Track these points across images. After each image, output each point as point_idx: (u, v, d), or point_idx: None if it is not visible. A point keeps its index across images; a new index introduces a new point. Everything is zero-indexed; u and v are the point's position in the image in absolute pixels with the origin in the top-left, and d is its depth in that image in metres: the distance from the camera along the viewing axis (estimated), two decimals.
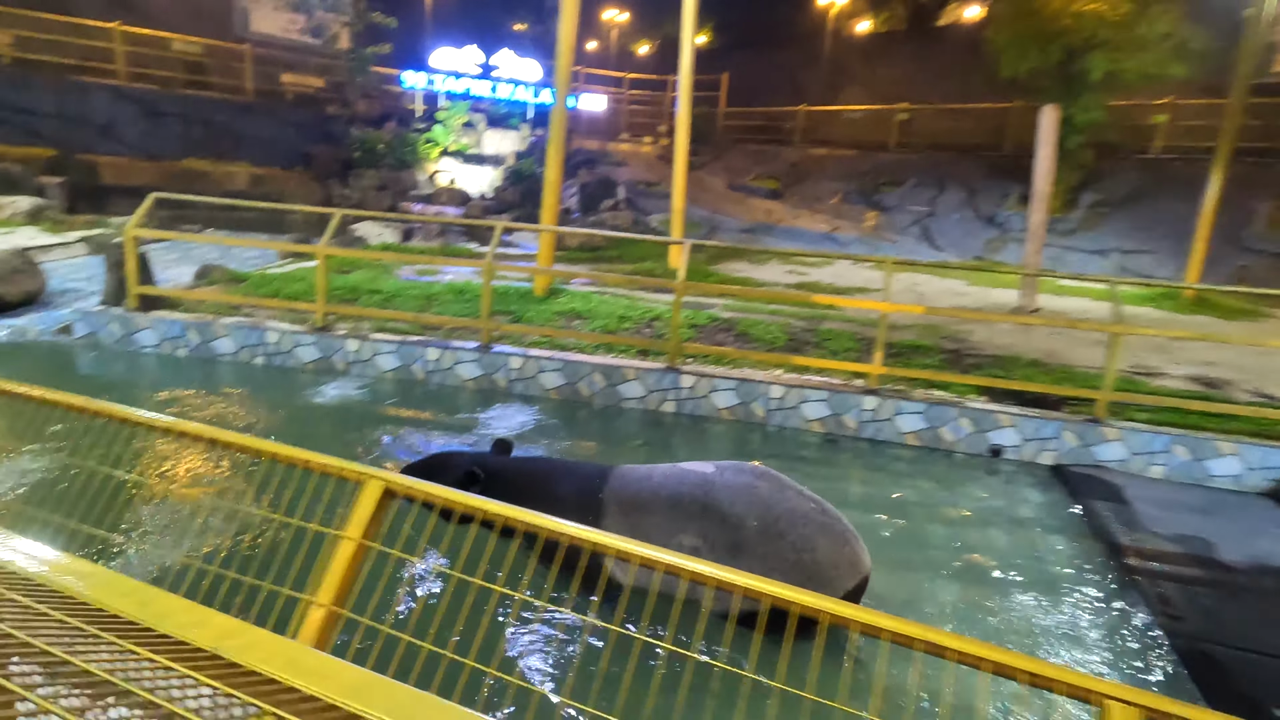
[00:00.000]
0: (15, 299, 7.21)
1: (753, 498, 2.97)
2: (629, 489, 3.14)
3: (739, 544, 2.93)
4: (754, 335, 6.85)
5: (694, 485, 3.06)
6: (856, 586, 2.94)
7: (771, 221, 16.48)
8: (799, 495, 3.03)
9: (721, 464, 3.17)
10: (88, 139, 15.23)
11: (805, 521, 2.92)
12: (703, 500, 3.00)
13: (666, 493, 3.07)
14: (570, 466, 3.51)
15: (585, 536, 1.82)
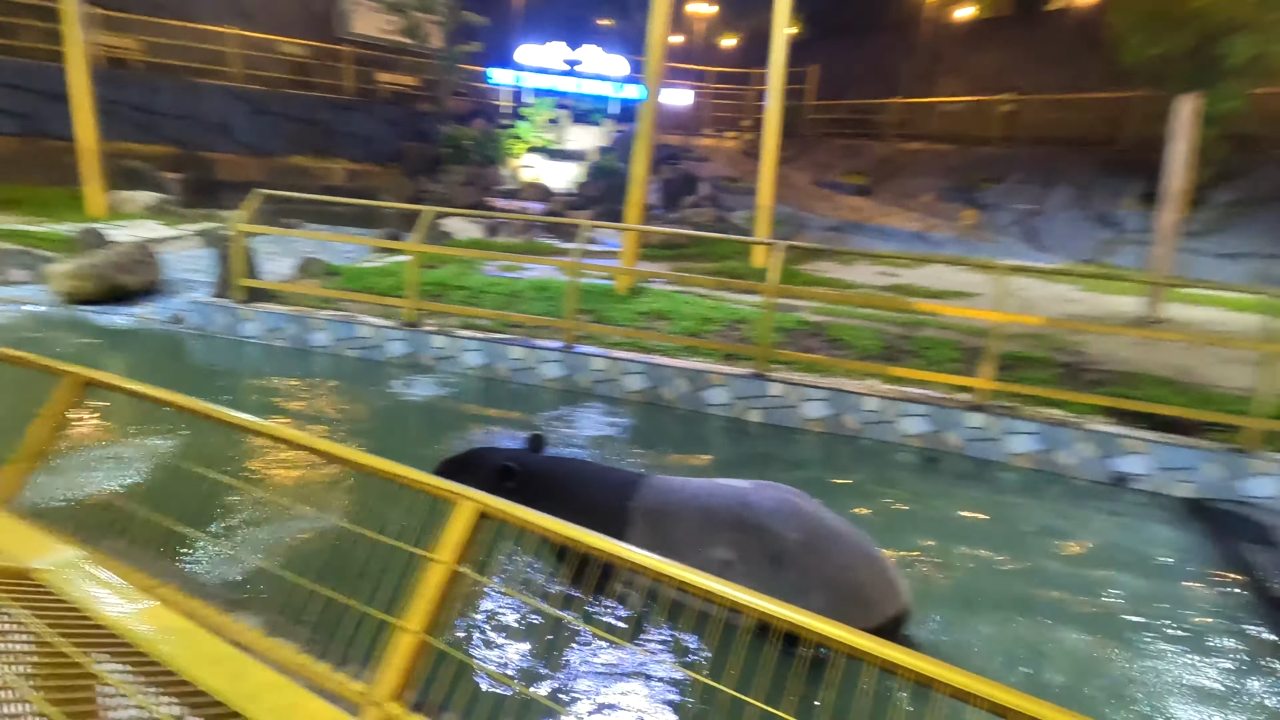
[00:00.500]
0: (136, 288, 7.72)
1: (794, 512, 2.88)
2: (659, 500, 3.06)
3: (779, 556, 2.79)
4: (846, 342, 6.51)
5: (729, 498, 2.97)
6: (897, 617, 2.77)
7: (860, 219, 15.82)
8: (838, 519, 2.96)
9: (756, 482, 3.09)
10: (204, 137, 16.29)
11: (847, 543, 2.83)
12: (739, 513, 2.89)
13: (699, 504, 2.98)
14: (601, 471, 3.44)
15: (700, 583, 1.64)
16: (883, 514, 4.37)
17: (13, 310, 7.31)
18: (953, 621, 3.34)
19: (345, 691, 1.86)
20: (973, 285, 10.11)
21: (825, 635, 1.42)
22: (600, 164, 18.06)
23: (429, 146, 18.10)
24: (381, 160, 18.30)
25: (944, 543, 4.09)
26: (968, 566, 3.86)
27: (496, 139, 18.27)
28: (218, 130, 16.51)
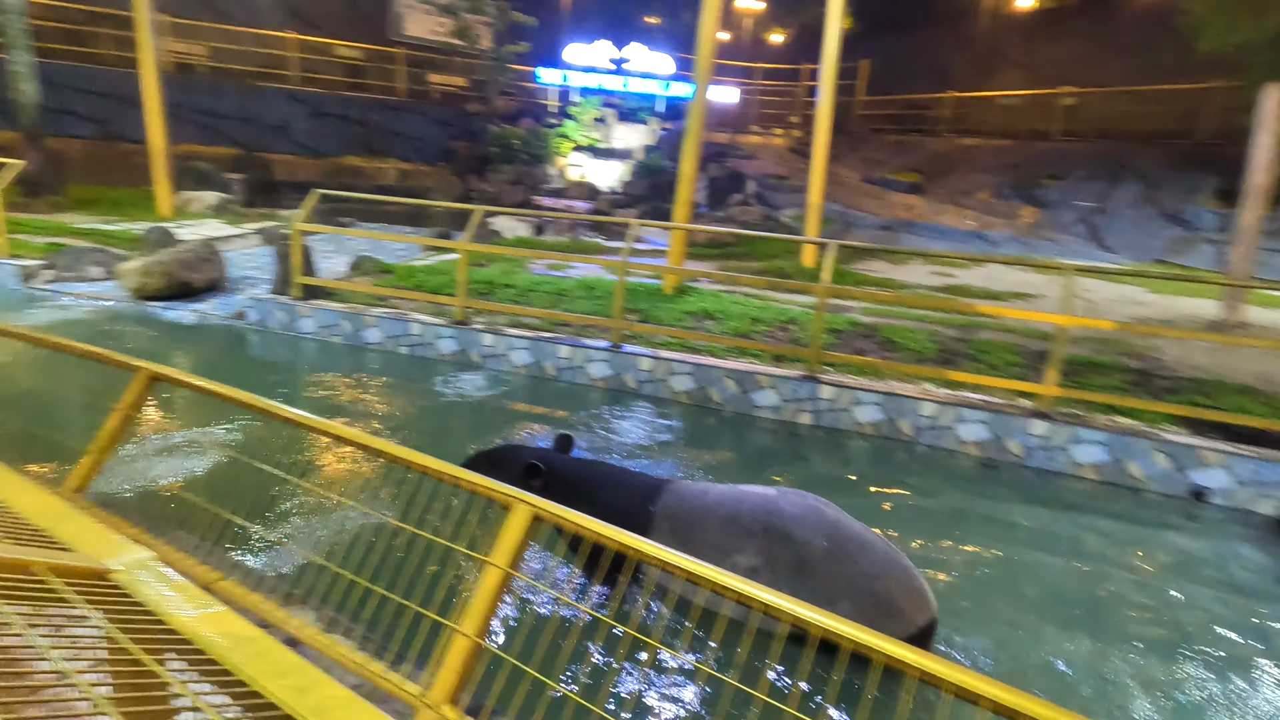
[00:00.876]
0: (201, 285, 8.01)
1: (820, 520, 2.87)
2: (682, 505, 3.06)
3: (805, 563, 2.76)
4: (900, 344, 6.32)
5: (755, 505, 2.94)
6: (926, 627, 2.72)
7: (912, 218, 15.40)
8: (864, 527, 2.92)
9: (781, 489, 3.09)
10: (264, 138, 16.86)
11: (874, 551, 2.79)
12: (764, 520, 2.87)
13: (724, 510, 2.97)
14: (626, 475, 3.42)
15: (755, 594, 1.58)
16: (939, 524, 4.22)
17: (89, 305, 7.68)
18: (1015, 641, 3.19)
19: (401, 693, 1.87)
20: (1032, 286, 9.73)
21: (876, 648, 1.39)
22: (646, 162, 18.03)
23: (477, 146, 18.36)
24: (431, 160, 18.65)
25: (1005, 557, 3.92)
26: (1032, 583, 3.69)
27: (543, 138, 18.41)
28: (276, 132, 17.07)
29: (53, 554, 1.02)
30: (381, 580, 2.11)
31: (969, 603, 3.42)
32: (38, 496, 1.23)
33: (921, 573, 2.88)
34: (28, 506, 1.20)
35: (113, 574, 1.03)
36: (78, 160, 14.31)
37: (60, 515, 1.18)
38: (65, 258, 8.37)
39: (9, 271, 8.15)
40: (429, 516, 3.18)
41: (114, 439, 2.80)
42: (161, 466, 4.07)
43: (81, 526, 1.17)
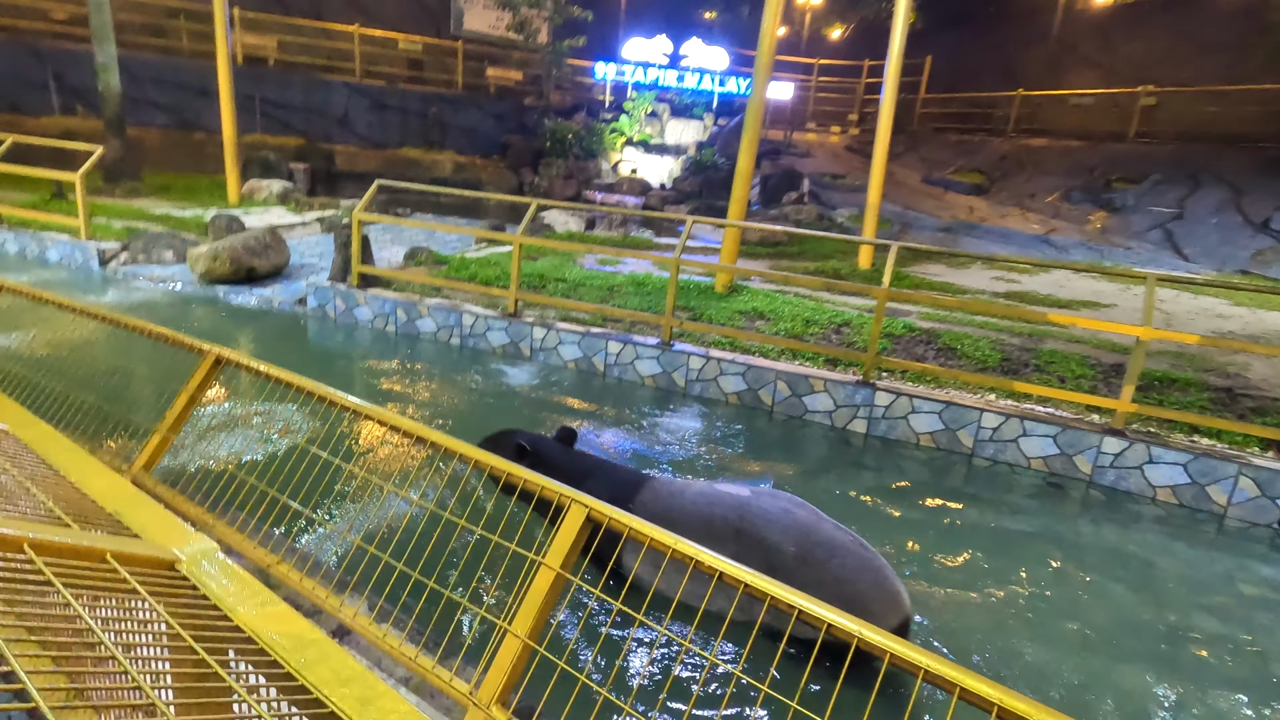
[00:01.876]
0: (265, 271, 8.26)
1: (790, 523, 2.86)
2: (660, 503, 3.08)
3: (774, 568, 2.70)
4: (961, 351, 6.08)
5: (728, 508, 2.97)
6: (898, 627, 2.69)
7: (974, 220, 14.87)
8: (836, 527, 2.90)
9: (756, 489, 3.10)
10: (327, 129, 17.33)
11: (845, 553, 2.78)
12: (736, 524, 2.90)
13: (698, 512, 2.99)
14: (609, 469, 3.45)
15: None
16: (997, 543, 4.03)
17: (161, 288, 8.00)
18: (1082, 674, 3.01)
19: (450, 689, 1.85)
20: (1102, 294, 9.27)
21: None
22: (698, 159, 17.89)
23: (532, 140, 18.51)
24: (486, 153, 18.90)
25: (1070, 581, 3.72)
26: (1102, 612, 3.49)
27: (597, 133, 18.44)
28: (339, 123, 17.54)
29: (122, 541, 1.01)
30: (432, 572, 2.10)
31: (1026, 631, 3.25)
32: (109, 480, 1.23)
33: (897, 575, 2.83)
34: (100, 490, 1.20)
35: (179, 564, 1.01)
36: (154, 148, 14.98)
37: (130, 500, 1.17)
38: (140, 241, 8.74)
39: (88, 254, 8.55)
40: (485, 510, 3.17)
41: (181, 419, 2.87)
42: (223, 446, 4.19)
43: (150, 513, 1.16)
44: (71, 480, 1.22)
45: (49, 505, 1.04)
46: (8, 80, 14.16)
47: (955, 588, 3.54)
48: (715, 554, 1.70)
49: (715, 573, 1.66)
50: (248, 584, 0.98)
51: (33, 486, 1.08)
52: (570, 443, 3.53)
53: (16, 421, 1.49)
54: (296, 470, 2.67)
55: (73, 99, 14.72)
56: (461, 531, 2.12)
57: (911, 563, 3.71)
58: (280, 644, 0.86)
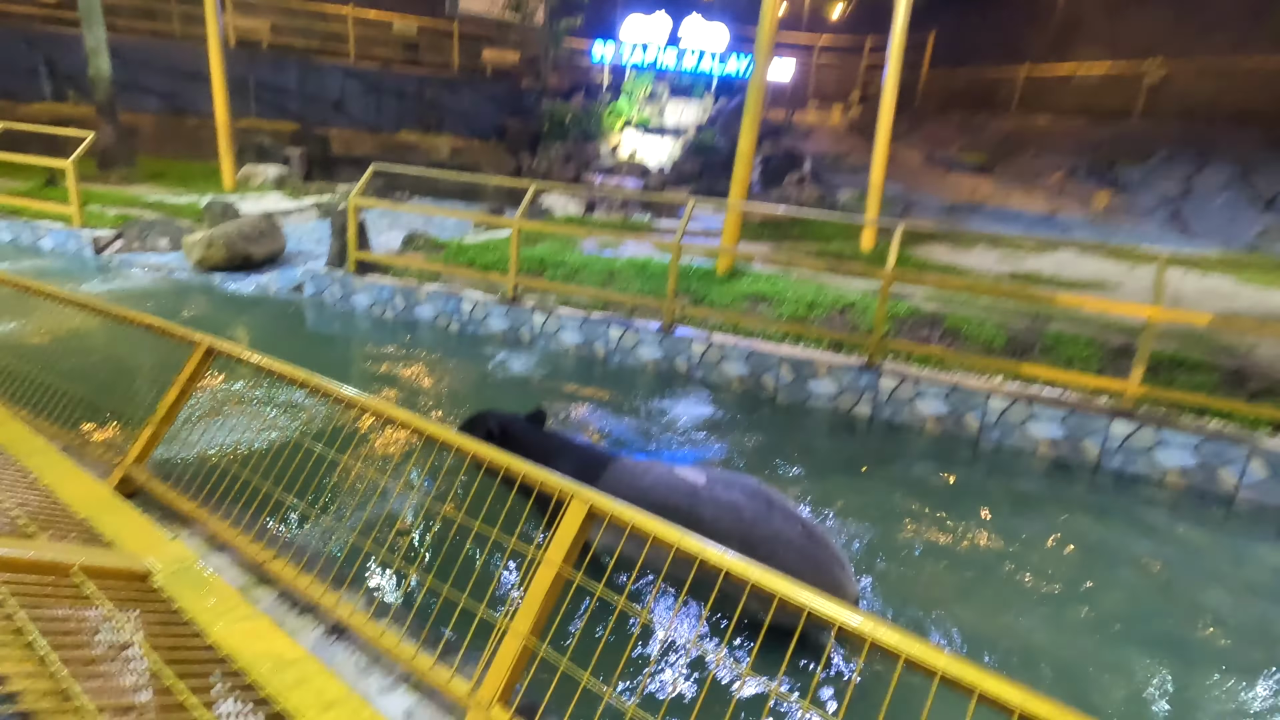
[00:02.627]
0: (261, 258, 8.17)
1: (737, 517, 2.87)
2: (621, 483, 3.11)
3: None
4: (966, 334, 6.00)
5: (682, 495, 3.00)
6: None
7: (977, 200, 14.71)
8: (785, 518, 2.89)
9: (713, 474, 3.13)
10: (322, 113, 17.12)
11: (787, 547, 2.77)
12: (687, 512, 2.90)
13: (655, 496, 3.00)
14: (577, 449, 3.47)
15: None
16: (1005, 527, 3.98)
17: (155, 276, 7.91)
18: (1090, 661, 2.97)
19: (449, 689, 1.80)
20: (1109, 274, 9.17)
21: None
22: (698, 140, 17.67)
23: (529, 122, 18.29)
24: (484, 136, 18.68)
25: (1079, 565, 3.67)
26: (1112, 596, 3.44)
27: (595, 115, 18.21)
28: (334, 107, 17.32)
29: (93, 553, 0.94)
30: (431, 567, 2.05)
31: (1035, 617, 3.20)
32: (83, 484, 1.17)
33: (846, 565, 2.84)
34: (74, 495, 1.14)
35: (153, 575, 0.94)
36: (148, 133, 14.80)
37: (105, 506, 1.11)
38: (134, 229, 8.64)
39: (82, 242, 8.45)
40: (483, 503, 3.10)
41: (174, 411, 2.81)
42: (216, 438, 4.13)
43: (125, 519, 1.10)
44: (45, 484, 1.16)
45: (12, 515, 0.97)
46: (1, 67, 13.97)
47: (962, 571, 3.49)
48: (735, 555, 1.65)
49: (721, 572, 1.60)
50: (226, 597, 0.92)
51: (1, 494, 1.02)
52: (541, 423, 3.60)
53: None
54: (291, 463, 2.61)
55: (64, 85, 14.53)
56: (461, 526, 2.06)
57: (914, 548, 3.67)
58: (259, 665, 0.80)
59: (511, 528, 2.03)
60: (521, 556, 3.05)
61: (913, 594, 3.29)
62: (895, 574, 3.45)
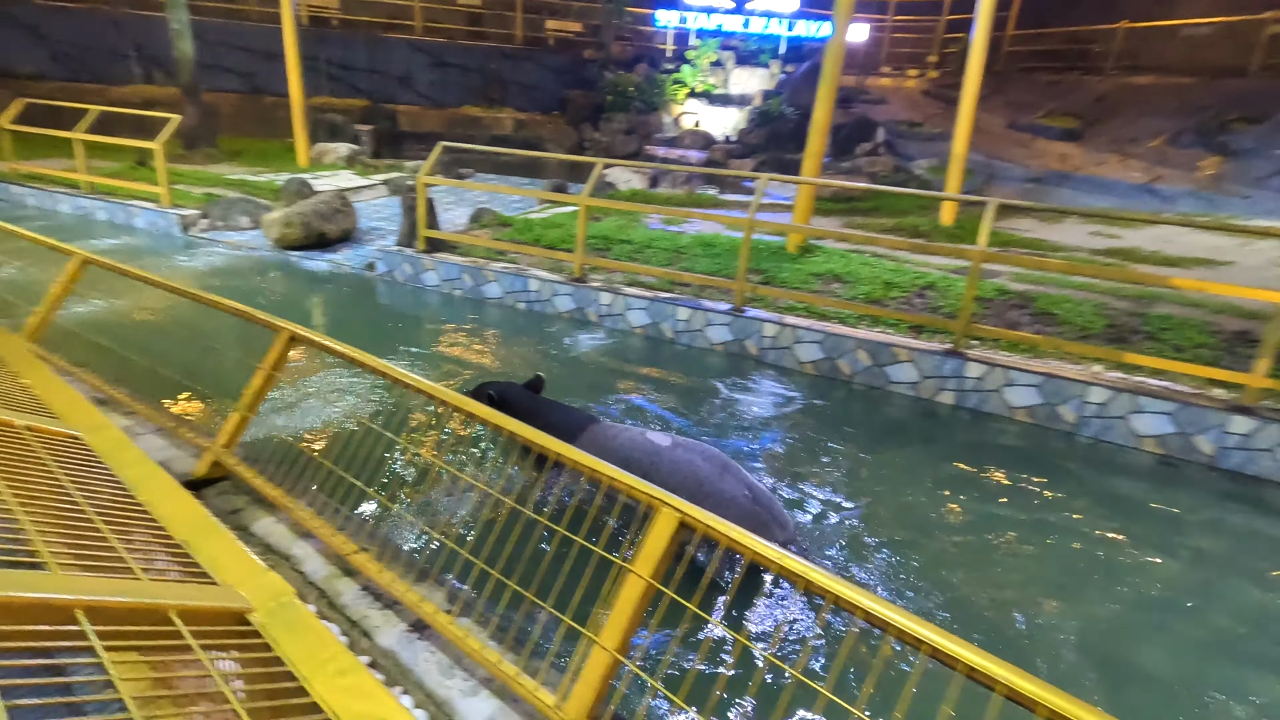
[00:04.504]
0: (335, 236, 8.36)
1: (688, 474, 3.05)
2: (595, 443, 3.31)
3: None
4: (1061, 317, 5.60)
5: (644, 452, 3.20)
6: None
7: (1066, 169, 13.75)
8: (738, 482, 3.07)
9: (678, 439, 3.31)
10: (390, 89, 17.36)
11: (730, 505, 2.92)
12: (647, 468, 3.10)
13: (622, 454, 3.19)
14: (563, 412, 3.70)
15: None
16: (1103, 530, 3.69)
17: (237, 254, 8.21)
18: (1216, 686, 2.71)
19: (535, 700, 1.75)
20: (1220, 251, 8.42)
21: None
22: (764, 109, 17.10)
23: (592, 94, 18.08)
24: (546, 109, 18.59)
25: (1188, 577, 3.37)
26: (1224, 613, 3.15)
27: (658, 85, 17.84)
28: (401, 83, 17.52)
29: (189, 592, 0.88)
30: (513, 570, 2.00)
31: (1139, 637, 2.95)
32: (178, 502, 1.13)
33: (790, 522, 3.00)
34: (169, 514, 1.10)
35: (251, 614, 0.88)
36: (228, 113, 15.33)
37: (199, 527, 1.06)
38: (218, 208, 8.97)
39: (171, 221, 8.84)
40: (568, 507, 3.05)
41: (259, 397, 2.85)
42: (294, 422, 4.23)
43: (220, 544, 1.05)
44: (140, 500, 1.13)
45: (114, 545, 0.93)
46: (93, 52, 14.68)
47: (1053, 579, 3.26)
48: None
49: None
50: (326, 643, 0.85)
51: (98, 520, 0.98)
52: (538, 390, 3.84)
53: (89, 425, 1.41)
54: (369, 450, 2.62)
55: (152, 67, 15.17)
56: (544, 528, 2.00)
57: (998, 552, 3.44)
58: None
59: (597, 533, 1.95)
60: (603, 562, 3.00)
61: (1004, 605, 3.08)
62: (980, 579, 3.24)
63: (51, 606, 0.72)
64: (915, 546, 3.41)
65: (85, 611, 0.73)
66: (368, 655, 2.01)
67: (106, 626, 0.74)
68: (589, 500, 3.24)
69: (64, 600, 0.72)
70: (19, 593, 0.71)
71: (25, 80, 13.78)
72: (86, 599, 0.74)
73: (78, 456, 1.21)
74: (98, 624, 0.73)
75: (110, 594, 0.77)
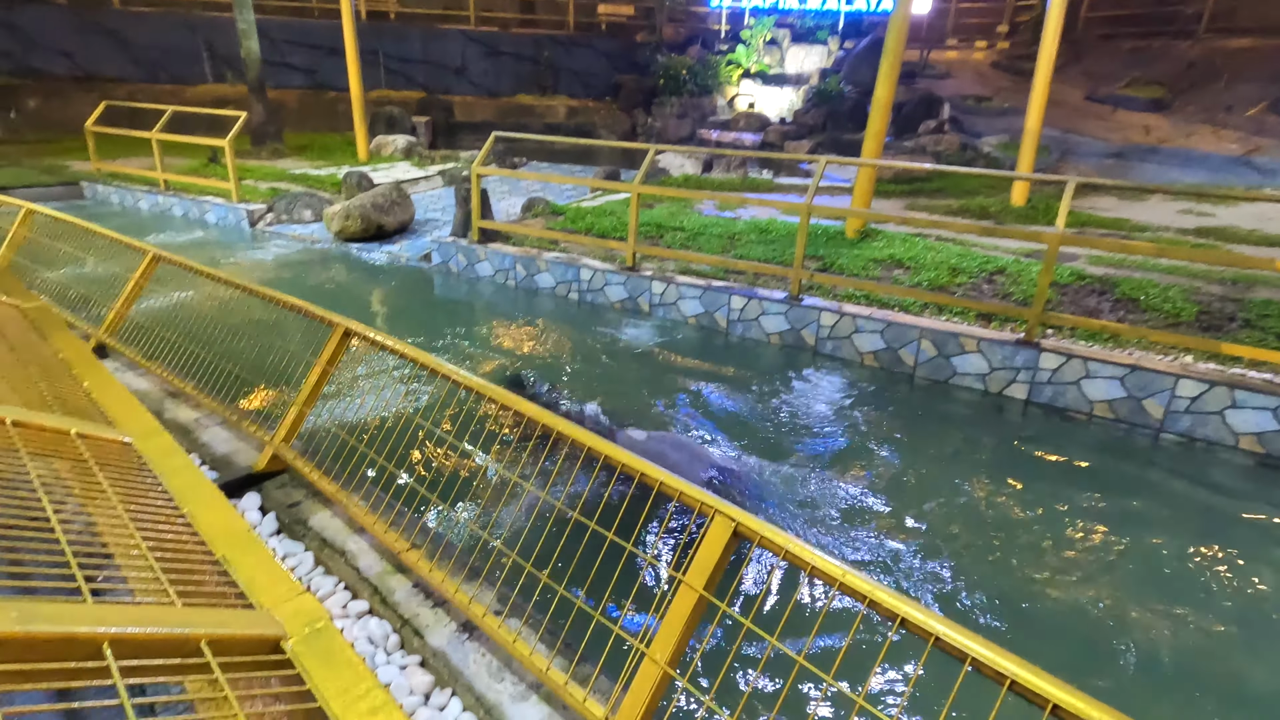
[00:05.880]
0: (393, 228, 8.52)
1: (660, 464, 2.86)
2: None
3: None
4: (1146, 303, 5.21)
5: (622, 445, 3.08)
6: None
7: (1151, 142, 12.84)
8: (707, 466, 3.15)
9: (652, 434, 3.43)
10: (445, 81, 17.59)
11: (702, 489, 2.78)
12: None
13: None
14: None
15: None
16: (1196, 539, 3.41)
17: (300, 246, 8.47)
18: None
19: (584, 710, 1.70)
20: None
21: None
22: (822, 88, 16.55)
23: (644, 79, 17.89)
24: (598, 95, 18.51)
25: None
26: None
27: (712, 66, 17.51)
28: (456, 73, 17.73)
29: (224, 618, 0.85)
30: (562, 575, 1.96)
31: (1244, 658, 2.71)
32: (221, 514, 1.11)
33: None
34: (211, 527, 1.08)
35: (285, 641, 0.84)
36: (292, 109, 15.83)
37: (240, 543, 1.04)
38: (282, 202, 9.26)
39: (240, 216, 9.18)
40: (615, 513, 3.00)
41: (316, 391, 2.89)
42: (347, 415, 4.31)
43: (258, 561, 1.01)
44: (185, 511, 1.12)
45: (150, 564, 0.91)
46: (169, 53, 15.35)
47: (1141, 593, 3.03)
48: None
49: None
50: (359, 676, 0.81)
51: (138, 536, 0.97)
52: (521, 388, 3.94)
53: (141, 430, 1.42)
54: (422, 448, 2.62)
55: (222, 66, 15.77)
56: (594, 534, 1.94)
57: (1078, 563, 3.22)
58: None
59: (647, 542, 1.89)
60: (647, 571, 2.94)
61: (1085, 625, 2.88)
62: (1057, 594, 3.04)
63: (77, 640, 0.69)
64: (986, 556, 3.23)
65: (112, 644, 0.70)
66: (418, 654, 2.01)
67: (133, 661, 0.71)
68: (623, 500, 3.20)
69: (90, 634, 0.69)
70: (47, 627, 0.69)
71: (108, 83, 14.53)
72: (114, 631, 0.71)
73: (126, 464, 1.22)
74: (124, 657, 0.70)
75: (139, 624, 0.74)
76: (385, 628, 2.08)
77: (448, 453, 3.76)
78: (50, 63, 14.26)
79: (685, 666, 2.14)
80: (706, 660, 2.58)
